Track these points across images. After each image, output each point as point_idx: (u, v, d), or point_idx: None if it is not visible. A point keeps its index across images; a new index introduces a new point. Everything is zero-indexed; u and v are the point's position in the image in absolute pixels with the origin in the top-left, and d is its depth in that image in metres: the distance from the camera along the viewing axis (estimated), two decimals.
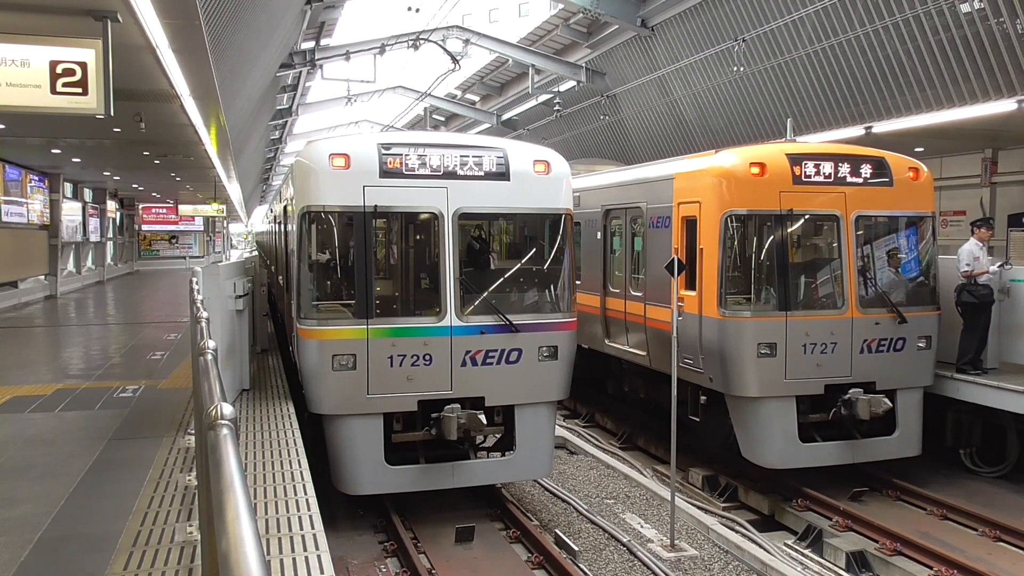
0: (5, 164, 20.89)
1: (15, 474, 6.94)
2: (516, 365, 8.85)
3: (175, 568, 4.93)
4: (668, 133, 21.15)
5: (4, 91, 7.28)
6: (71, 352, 14.58)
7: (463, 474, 8.91)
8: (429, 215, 8.92)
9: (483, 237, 9.70)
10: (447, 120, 34.73)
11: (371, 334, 8.49)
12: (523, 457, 9.04)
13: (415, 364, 8.57)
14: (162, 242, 46.63)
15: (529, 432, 9.05)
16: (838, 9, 13.80)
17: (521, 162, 9.09)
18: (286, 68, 19.95)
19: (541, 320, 9.13)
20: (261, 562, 1.21)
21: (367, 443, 8.51)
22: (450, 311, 8.73)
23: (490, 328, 8.80)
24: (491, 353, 8.77)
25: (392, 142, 8.89)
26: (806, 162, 9.91)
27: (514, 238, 10.39)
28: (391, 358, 8.52)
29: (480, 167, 8.91)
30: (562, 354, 9.08)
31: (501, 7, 59.20)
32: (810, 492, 9.82)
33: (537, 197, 9.15)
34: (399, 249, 9.57)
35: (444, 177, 8.77)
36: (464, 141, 9.52)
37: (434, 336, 8.65)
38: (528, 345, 8.89)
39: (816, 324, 9.80)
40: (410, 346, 8.57)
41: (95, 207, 31.26)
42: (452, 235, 8.79)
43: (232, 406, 2.03)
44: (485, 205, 9.05)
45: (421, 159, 8.72)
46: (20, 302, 21.98)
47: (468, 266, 9.13)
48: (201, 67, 9.69)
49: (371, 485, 8.65)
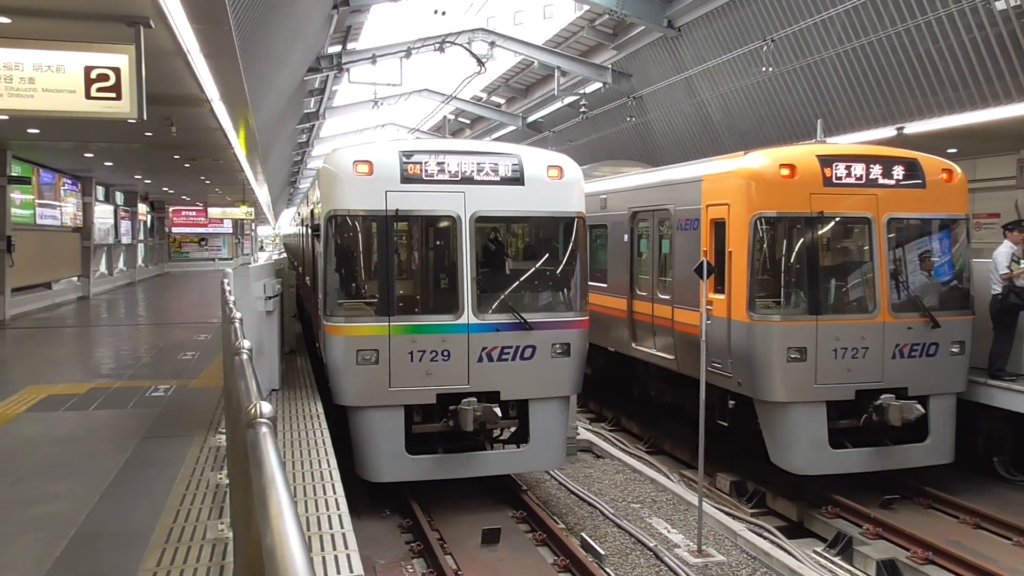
0: (39, 168, 21.27)
1: (50, 471, 7.05)
2: (530, 361, 9.28)
3: (207, 565, 4.97)
4: (695, 135, 21.03)
5: (40, 97, 7.41)
6: (103, 352, 14.79)
7: (479, 464, 9.33)
8: (447, 218, 9.38)
9: (499, 239, 10.03)
10: (472, 123, 34.82)
11: (392, 331, 8.99)
12: (537, 449, 9.45)
13: (434, 359, 9.03)
14: (191, 244, 47.20)
15: (543, 425, 9.45)
16: (868, 8, 13.64)
17: (535, 167, 9.50)
18: (313, 72, 20.11)
19: (554, 318, 9.52)
20: (306, 557, 1.22)
21: (389, 433, 8.97)
22: (467, 309, 9.17)
23: (505, 326, 9.22)
24: (506, 349, 9.21)
25: (412, 149, 9.37)
26: (837, 163, 9.79)
27: (528, 240, 10.79)
28: (411, 353, 9.00)
29: (496, 173, 9.36)
30: (574, 351, 9.49)
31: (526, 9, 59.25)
32: (840, 499, 9.69)
33: (550, 201, 9.57)
34: (419, 251, 10.13)
35: (462, 182, 9.25)
36: (480, 148, 10.00)
37: (452, 333, 9.11)
38: (541, 342, 9.31)
39: (847, 328, 9.67)
40: (429, 342, 9.04)
41: (126, 210, 31.72)
42: (469, 237, 9.24)
43: (270, 404, 2.05)
44: (501, 209, 9.49)
45: (440, 165, 9.19)
46: (54, 303, 22.35)
47: (484, 267, 9.53)
48: (230, 71, 9.80)
49: (392, 473, 9.07)
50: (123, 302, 25.77)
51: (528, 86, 28.10)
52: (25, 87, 7.36)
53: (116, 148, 18.32)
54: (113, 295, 27.33)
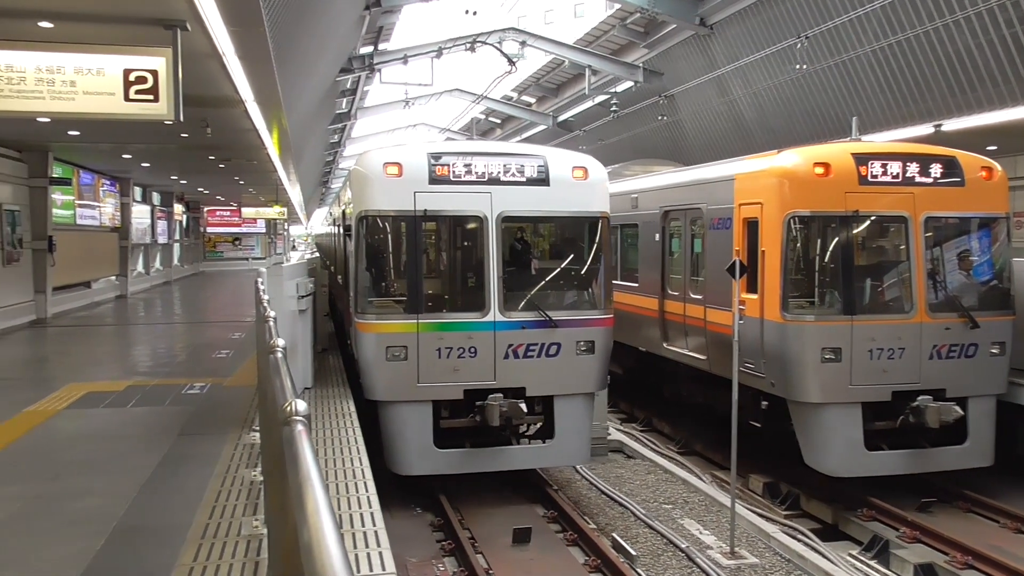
0: (79, 169, 21.70)
1: (90, 467, 7.19)
2: (555, 358, 9.48)
3: (242, 561, 5.04)
4: (727, 133, 20.85)
5: (81, 99, 7.55)
6: (141, 350, 15.06)
7: (505, 458, 9.55)
8: (474, 218, 9.59)
9: (524, 239, 10.21)
10: (503, 122, 34.85)
11: (421, 328, 9.24)
12: (562, 444, 9.62)
13: (461, 356, 9.27)
14: (226, 244, 47.84)
15: (567, 421, 9.63)
16: (905, 4, 13.42)
17: (560, 168, 9.69)
18: (345, 73, 20.28)
19: (578, 316, 9.68)
20: (342, 552, 1.24)
21: (417, 428, 9.21)
22: (493, 307, 9.38)
23: (530, 323, 9.44)
24: (531, 347, 9.42)
25: (440, 151, 9.64)
26: (873, 162, 9.65)
27: (554, 239, 10.94)
28: (439, 350, 9.23)
29: (522, 173, 9.57)
30: (598, 348, 9.66)
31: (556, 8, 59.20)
32: (876, 502, 9.56)
33: (575, 201, 9.75)
34: (447, 250, 10.37)
35: (488, 183, 9.48)
36: (507, 149, 10.17)
37: (478, 330, 9.33)
38: (566, 340, 9.49)
39: (883, 329, 9.53)
40: (456, 339, 9.27)
41: (163, 210, 32.23)
42: (496, 237, 9.46)
43: (305, 402, 2.07)
44: (526, 209, 9.69)
45: (467, 167, 9.44)
46: (92, 301, 22.78)
47: (510, 266, 9.74)
48: (265, 73, 9.92)
49: (421, 466, 9.30)
50: (159, 301, 26.20)
51: (559, 85, 28.05)
52: (66, 90, 7.52)
53: (153, 149, 18.63)
54: (150, 294, 27.79)
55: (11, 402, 9.74)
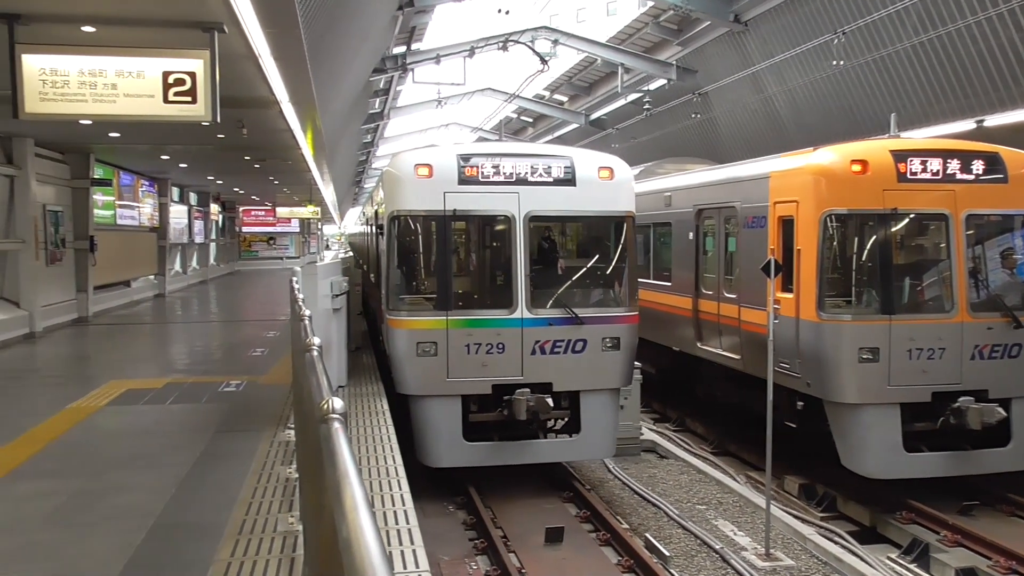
0: (119, 170, 22.12)
1: (131, 462, 7.33)
2: (581, 354, 9.67)
3: (278, 557, 5.10)
4: (762, 131, 20.61)
5: (122, 101, 7.70)
6: (178, 348, 15.31)
7: (532, 452, 9.74)
8: (502, 218, 9.82)
9: (551, 237, 10.45)
10: (535, 121, 34.81)
11: (450, 324, 9.48)
12: (588, 439, 9.82)
13: (489, 352, 9.50)
14: (260, 243, 48.43)
15: (593, 416, 9.81)
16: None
17: (587, 169, 9.86)
18: (378, 73, 20.40)
19: (604, 313, 9.86)
20: (381, 547, 1.24)
21: (447, 421, 9.44)
22: (521, 304, 9.61)
23: (557, 320, 9.65)
24: (558, 343, 9.63)
25: (469, 153, 9.86)
26: (912, 158, 9.48)
27: (580, 238, 11.13)
28: (468, 346, 9.47)
29: (549, 174, 9.77)
30: (624, 345, 9.83)
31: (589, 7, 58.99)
32: (915, 504, 9.39)
33: (601, 201, 9.92)
34: (475, 249, 10.62)
35: (516, 183, 9.69)
36: (534, 150, 10.38)
37: (506, 327, 9.56)
38: (592, 336, 9.68)
39: (922, 328, 9.36)
40: (485, 336, 9.51)
41: (199, 210, 32.73)
42: (523, 236, 9.68)
43: (342, 400, 2.09)
44: (553, 209, 9.88)
45: (495, 168, 9.66)
46: (132, 300, 23.21)
47: (537, 264, 9.95)
48: (299, 74, 10.02)
49: (450, 459, 9.53)
50: (196, 300, 26.61)
51: (591, 83, 27.94)
52: (108, 93, 7.66)
53: (191, 150, 18.93)
54: (187, 293, 28.24)
55: (56, 398, 9.97)
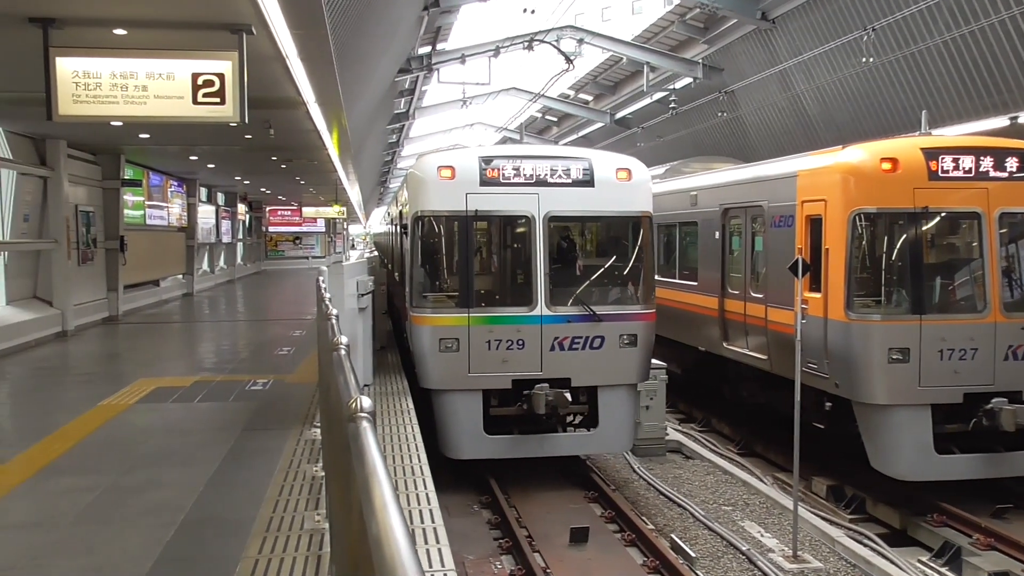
0: (149, 171, 22.41)
1: (160, 459, 7.43)
2: (599, 351, 9.90)
3: (304, 554, 5.14)
4: (789, 129, 20.41)
5: (153, 103, 7.79)
6: (206, 347, 15.48)
7: (551, 445, 9.99)
8: (522, 218, 10.10)
9: (570, 237, 10.76)
10: (560, 120, 34.76)
11: (472, 321, 9.78)
12: (605, 433, 10.04)
13: (510, 348, 9.76)
14: (287, 243, 48.81)
15: (611, 411, 10.03)
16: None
17: (605, 170, 10.10)
18: (403, 73, 20.47)
19: (621, 311, 10.12)
20: (411, 546, 1.25)
21: (468, 415, 9.72)
22: (540, 302, 9.87)
23: (576, 317, 9.90)
24: (576, 339, 9.87)
25: (491, 155, 10.14)
26: (943, 156, 9.34)
27: (598, 238, 11.38)
28: (489, 342, 9.75)
29: (568, 175, 10.02)
30: (641, 342, 10.06)
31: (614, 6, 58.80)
32: (946, 507, 9.25)
33: (619, 201, 10.15)
34: (496, 248, 10.89)
35: (536, 185, 9.95)
36: (553, 152, 10.76)
37: (526, 324, 9.84)
38: (609, 333, 9.92)
39: (954, 328, 9.22)
40: (505, 332, 9.78)
41: (227, 210, 33.06)
42: (543, 235, 9.93)
43: (370, 399, 2.10)
44: (572, 209, 10.12)
45: (516, 169, 9.92)
46: (161, 299, 23.51)
47: (556, 263, 10.23)
48: (326, 74, 10.08)
49: (471, 451, 9.80)
50: (223, 299, 26.89)
51: (616, 82, 27.84)
52: (139, 95, 7.76)
53: (218, 151, 19.13)
54: (214, 292, 28.54)
55: (87, 396, 10.12)
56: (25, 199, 15.38)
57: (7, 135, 14.55)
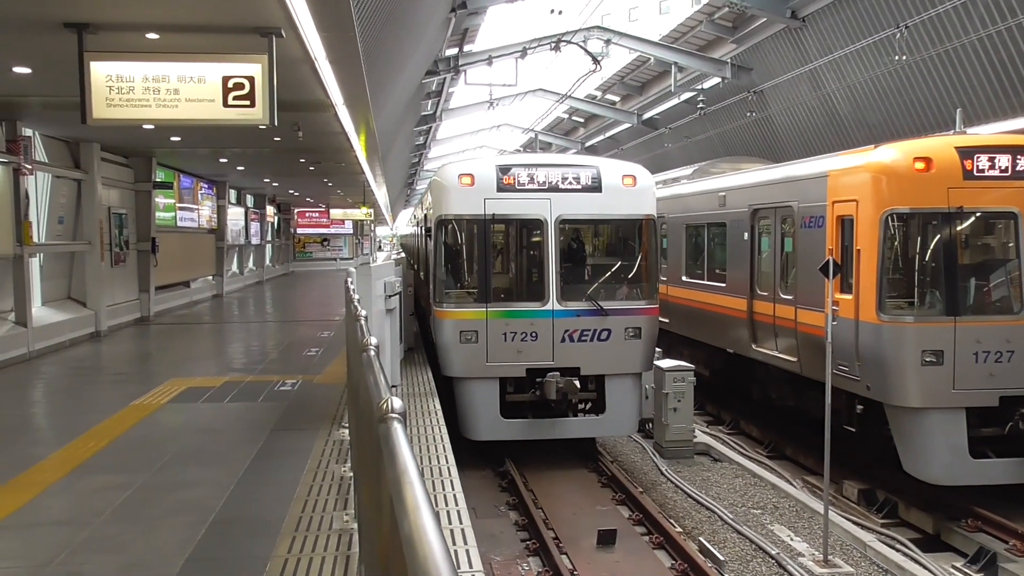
0: (180, 173, 22.71)
1: (191, 459, 7.51)
2: (606, 342, 10.71)
3: (333, 554, 5.16)
4: (820, 129, 20.19)
5: (184, 106, 7.88)
6: (236, 347, 15.64)
7: (562, 428, 10.77)
8: (536, 221, 10.88)
9: (579, 238, 11.58)
10: (586, 121, 34.68)
11: (489, 315, 10.60)
12: (612, 417, 10.85)
13: (524, 340, 10.59)
14: (315, 245, 49.21)
15: (617, 397, 10.84)
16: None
17: (612, 176, 10.92)
18: (431, 75, 20.54)
19: (626, 306, 10.91)
20: (443, 546, 1.25)
21: (487, 400, 10.56)
22: (552, 298, 10.69)
23: (585, 312, 10.70)
24: (585, 332, 10.67)
25: (507, 164, 11.01)
26: (979, 155, 9.18)
27: (605, 239, 12.18)
28: (504, 335, 10.58)
29: (578, 182, 10.83)
30: (644, 334, 10.84)
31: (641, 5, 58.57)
32: (982, 512, 9.09)
33: (625, 205, 10.94)
34: (512, 248, 11.65)
35: (548, 190, 10.77)
36: (565, 161, 11.52)
37: (539, 318, 10.65)
38: (616, 326, 10.72)
39: (989, 330, 9.06)
40: (520, 325, 10.60)
41: (256, 212, 33.40)
42: (554, 237, 10.74)
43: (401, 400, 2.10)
44: (581, 213, 10.95)
45: (530, 176, 10.77)
46: (191, 300, 23.80)
47: (567, 262, 11.04)
48: (354, 77, 10.15)
49: (489, 433, 10.66)
50: (252, 300, 27.15)
51: (644, 83, 27.71)
52: (170, 98, 7.86)
53: (248, 153, 19.33)
54: (243, 293, 28.84)
55: (120, 396, 10.27)
56: (60, 202, 15.66)
57: (43, 139, 14.82)
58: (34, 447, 8.02)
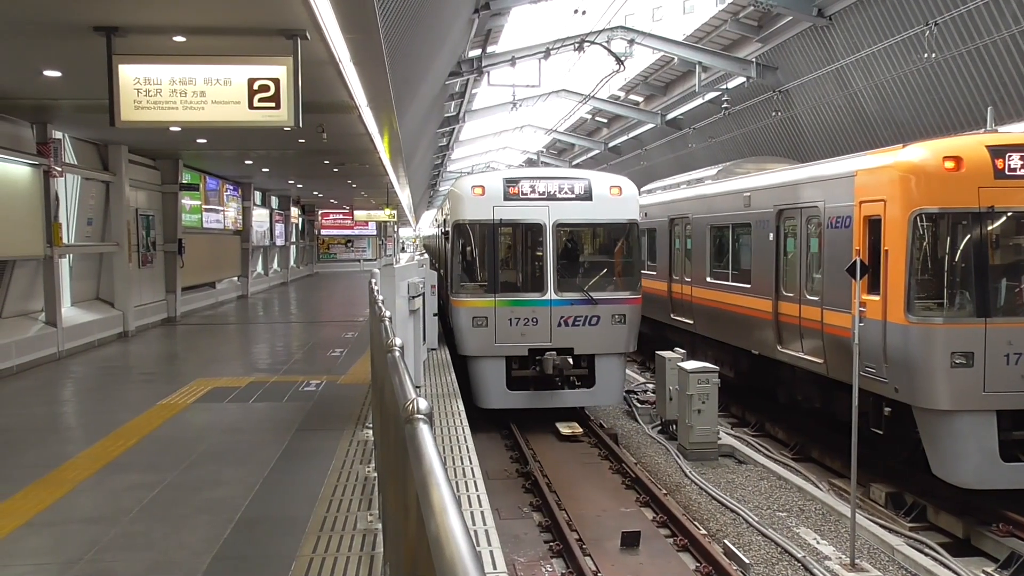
0: (206, 175, 22.94)
1: (217, 458, 7.57)
2: (596, 327, 12.70)
3: (358, 554, 5.18)
4: (846, 128, 19.96)
5: (210, 108, 7.96)
6: (261, 348, 15.76)
7: (558, 399, 12.82)
8: (536, 225, 12.85)
9: (574, 239, 13.46)
10: (610, 122, 34.56)
11: (497, 304, 12.60)
12: (601, 390, 12.96)
13: (526, 324, 12.57)
14: (339, 246, 49.51)
15: (605, 373, 12.90)
16: None
17: (601, 187, 12.96)
18: (454, 76, 20.57)
19: (613, 296, 12.88)
20: (471, 546, 1.24)
21: (495, 375, 12.58)
22: (550, 289, 12.68)
23: (578, 301, 12.69)
24: (578, 318, 12.67)
25: (513, 177, 13.08)
26: (1011, 154, 9.02)
27: (595, 240, 13.98)
28: (510, 320, 12.56)
29: (572, 191, 12.85)
30: (628, 320, 12.83)
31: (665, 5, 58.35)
32: (1013, 516, 8.92)
33: (612, 211, 12.96)
34: (516, 248, 13.61)
35: (547, 199, 12.80)
36: (561, 174, 13.44)
37: (539, 306, 12.63)
38: (604, 313, 12.71)
39: (1021, 332, 8.89)
40: (523, 312, 12.60)
41: (280, 213, 33.65)
42: (552, 238, 12.73)
43: (427, 401, 2.10)
44: (575, 218, 12.96)
45: (532, 187, 12.82)
46: (217, 301, 24.03)
47: (563, 259, 13.00)
48: (378, 78, 10.19)
49: (497, 403, 12.65)
50: (277, 301, 27.36)
51: (667, 83, 27.56)
52: (197, 100, 7.94)
53: (273, 155, 19.48)
54: (268, 294, 29.07)
55: (147, 395, 10.39)
56: (89, 203, 15.88)
57: (72, 141, 15.04)
58: (64, 445, 8.14)
